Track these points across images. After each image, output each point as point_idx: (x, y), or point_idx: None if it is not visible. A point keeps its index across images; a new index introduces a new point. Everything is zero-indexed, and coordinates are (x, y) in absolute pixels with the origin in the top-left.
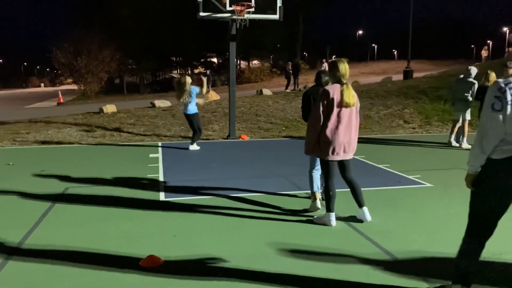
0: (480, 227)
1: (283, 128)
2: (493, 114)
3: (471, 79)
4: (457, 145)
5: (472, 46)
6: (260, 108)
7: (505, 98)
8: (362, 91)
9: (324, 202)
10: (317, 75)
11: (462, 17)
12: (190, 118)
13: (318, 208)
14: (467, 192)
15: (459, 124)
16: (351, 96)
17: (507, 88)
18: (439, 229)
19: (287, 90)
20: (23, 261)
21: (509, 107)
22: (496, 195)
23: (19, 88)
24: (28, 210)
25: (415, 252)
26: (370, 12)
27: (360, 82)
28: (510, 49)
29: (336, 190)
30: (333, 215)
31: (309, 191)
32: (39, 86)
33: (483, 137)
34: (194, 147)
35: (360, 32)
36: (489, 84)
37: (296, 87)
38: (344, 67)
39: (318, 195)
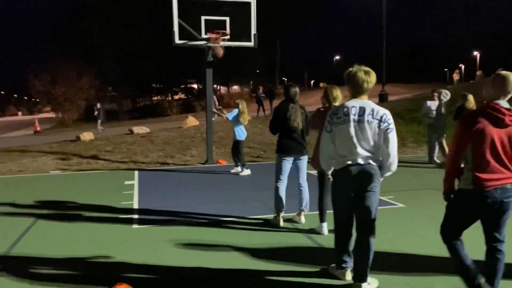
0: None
1: (261, 152)
2: (325, 134)
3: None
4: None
5: (446, 69)
6: None
7: (334, 121)
8: None
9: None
10: (285, 87)
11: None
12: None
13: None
14: (437, 212)
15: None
16: None
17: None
18: (407, 249)
19: (261, 114)
20: None
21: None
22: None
23: None
24: None
25: (387, 267)
26: (345, 38)
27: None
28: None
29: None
30: (325, 225)
31: (287, 214)
32: (16, 114)
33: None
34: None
35: (337, 57)
36: (469, 105)
37: (265, 112)
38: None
39: (281, 214)
